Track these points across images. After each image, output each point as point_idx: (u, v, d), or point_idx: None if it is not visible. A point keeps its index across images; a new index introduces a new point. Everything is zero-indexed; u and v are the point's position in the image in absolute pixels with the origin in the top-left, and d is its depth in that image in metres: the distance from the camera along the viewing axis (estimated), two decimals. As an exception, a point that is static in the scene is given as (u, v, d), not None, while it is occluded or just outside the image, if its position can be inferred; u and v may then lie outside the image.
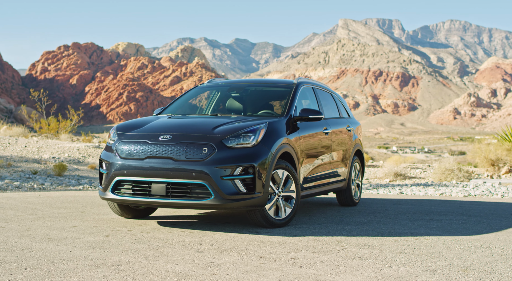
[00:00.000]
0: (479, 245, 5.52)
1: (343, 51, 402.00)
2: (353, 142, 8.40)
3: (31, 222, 6.19)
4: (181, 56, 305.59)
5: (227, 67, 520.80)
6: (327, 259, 4.75)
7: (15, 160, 13.82)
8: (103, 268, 4.19)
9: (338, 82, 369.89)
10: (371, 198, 10.28)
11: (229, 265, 4.43)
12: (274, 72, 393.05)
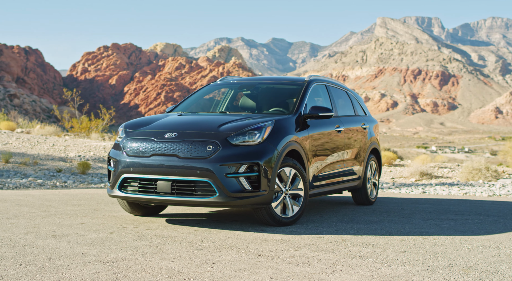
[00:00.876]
0: (488, 245, 5.39)
1: (381, 50, 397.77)
2: (369, 140, 8.29)
3: (41, 219, 6.27)
4: (218, 56, 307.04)
5: (264, 67, 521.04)
6: (326, 257, 4.69)
7: (42, 158, 14.06)
8: (98, 265, 4.21)
9: (376, 81, 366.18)
10: (391, 197, 10.14)
11: (224, 262, 4.41)
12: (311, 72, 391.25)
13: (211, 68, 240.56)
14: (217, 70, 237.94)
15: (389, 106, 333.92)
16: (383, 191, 11.77)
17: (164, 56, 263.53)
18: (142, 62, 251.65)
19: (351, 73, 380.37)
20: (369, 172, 8.35)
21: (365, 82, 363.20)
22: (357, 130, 7.92)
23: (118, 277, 3.89)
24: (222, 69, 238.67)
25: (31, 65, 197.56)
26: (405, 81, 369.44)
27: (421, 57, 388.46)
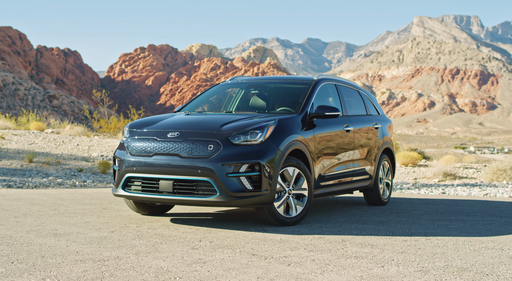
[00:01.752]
0: (492, 246, 5.29)
1: (418, 49, 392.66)
2: (381, 140, 8.20)
3: (48, 217, 6.35)
4: (253, 56, 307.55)
5: (299, 67, 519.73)
6: (320, 257, 4.66)
7: (65, 158, 14.26)
8: (88, 263, 4.25)
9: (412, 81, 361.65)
10: (407, 197, 10.01)
11: (216, 262, 4.41)
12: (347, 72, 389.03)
13: (246, 69, 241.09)
14: (252, 71, 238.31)
15: (426, 106, 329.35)
16: (402, 191, 11.62)
17: (200, 57, 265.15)
18: (178, 63, 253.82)
19: (387, 73, 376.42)
20: (381, 172, 8.26)
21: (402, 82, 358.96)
22: (368, 130, 7.85)
23: (105, 276, 3.92)
24: (257, 69, 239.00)
25: (70, 67, 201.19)
26: (443, 80, 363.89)
27: (459, 56, 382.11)
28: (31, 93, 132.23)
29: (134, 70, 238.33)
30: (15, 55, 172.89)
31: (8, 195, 8.40)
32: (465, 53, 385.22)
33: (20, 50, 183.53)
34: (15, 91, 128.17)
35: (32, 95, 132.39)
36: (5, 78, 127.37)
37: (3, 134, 16.80)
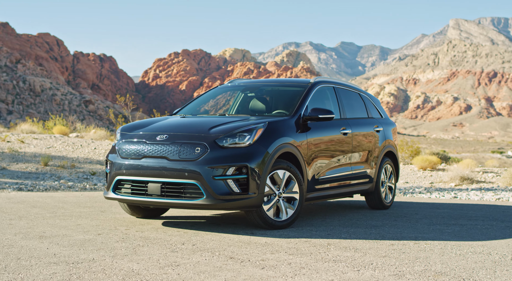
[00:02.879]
0: (480, 250, 5.18)
1: (454, 52, 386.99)
2: (383, 143, 8.09)
3: (43, 220, 6.40)
4: (286, 60, 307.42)
5: (332, 71, 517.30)
6: (298, 261, 4.61)
7: (80, 161, 14.43)
8: (61, 266, 4.25)
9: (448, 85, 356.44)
10: (414, 201, 9.87)
11: (189, 265, 4.40)
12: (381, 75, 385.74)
13: (279, 73, 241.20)
14: (285, 75, 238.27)
15: (462, 110, 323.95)
16: (413, 195, 11.45)
17: (233, 62, 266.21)
18: (211, 67, 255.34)
19: (422, 77, 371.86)
20: (383, 175, 8.15)
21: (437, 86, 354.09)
22: (367, 133, 7.75)
23: (72, 278, 3.92)
24: (290, 73, 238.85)
25: (106, 72, 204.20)
26: (479, 84, 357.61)
27: (496, 59, 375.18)
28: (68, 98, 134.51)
29: (168, 75, 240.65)
30: (52, 61, 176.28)
31: (14, 197, 8.52)
32: (502, 56, 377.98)
33: (57, 56, 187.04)
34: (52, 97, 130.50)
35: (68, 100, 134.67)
36: (42, 83, 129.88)
37: (24, 138, 17.11)
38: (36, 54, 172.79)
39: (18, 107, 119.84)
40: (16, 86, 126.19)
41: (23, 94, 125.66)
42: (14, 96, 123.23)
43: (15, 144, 16.07)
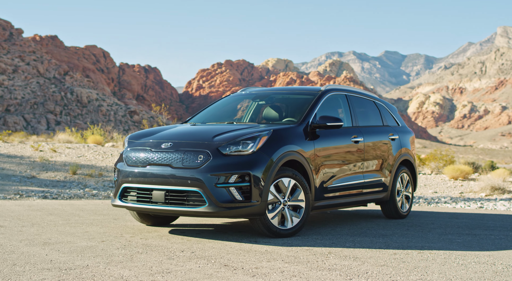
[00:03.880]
0: (484, 261, 5.06)
1: (502, 61, 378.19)
2: (399, 152, 7.95)
3: (53, 227, 6.48)
4: (329, 70, 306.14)
5: (376, 80, 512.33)
6: (292, 269, 4.57)
7: (108, 170, 14.61)
8: (53, 272, 4.30)
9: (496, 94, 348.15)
10: (435, 211, 9.70)
11: (180, 272, 4.39)
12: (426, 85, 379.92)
13: (321, 83, 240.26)
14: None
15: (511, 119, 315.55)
16: (437, 205, 11.22)
17: (276, 72, 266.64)
18: (254, 78, 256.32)
19: (468, 85, 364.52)
20: (399, 184, 8.01)
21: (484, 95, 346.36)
22: (381, 141, 7.64)
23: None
24: (333, 83, 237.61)
25: (150, 83, 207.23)
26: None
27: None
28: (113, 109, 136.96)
29: (212, 85, 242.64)
30: (99, 73, 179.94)
31: (35, 205, 8.69)
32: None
33: (103, 67, 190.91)
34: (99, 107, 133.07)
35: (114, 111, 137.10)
36: (89, 95, 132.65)
37: (57, 147, 17.47)
38: (83, 66, 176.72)
39: (65, 118, 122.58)
40: (64, 97, 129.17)
41: (71, 105, 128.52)
42: (62, 107, 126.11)
43: (47, 153, 16.42)
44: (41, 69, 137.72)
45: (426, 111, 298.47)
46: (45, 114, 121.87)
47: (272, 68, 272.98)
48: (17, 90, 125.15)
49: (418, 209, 10.14)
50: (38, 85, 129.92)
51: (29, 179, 12.18)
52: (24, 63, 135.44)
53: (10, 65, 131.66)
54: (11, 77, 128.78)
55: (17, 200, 9.51)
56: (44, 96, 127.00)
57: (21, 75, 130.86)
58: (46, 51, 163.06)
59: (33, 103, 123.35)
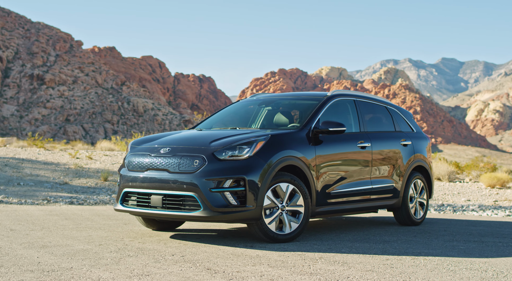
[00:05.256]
0: (476, 267, 4.97)
1: None
2: (411, 157, 7.80)
3: (60, 231, 6.60)
4: (384, 78, 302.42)
5: (433, 87, 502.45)
6: (273, 273, 4.55)
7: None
8: (34, 273, 4.37)
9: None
10: (454, 219, 9.55)
11: (159, 275, 4.43)
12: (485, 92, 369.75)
13: (376, 91, 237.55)
14: (382, 93, 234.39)
15: None
16: (463, 213, 10.92)
17: (329, 80, 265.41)
18: (307, 86, 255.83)
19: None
20: (412, 190, 7.86)
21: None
22: (392, 147, 7.52)
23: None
24: (387, 91, 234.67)
25: (204, 92, 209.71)
26: None
27: None
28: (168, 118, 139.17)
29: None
30: (154, 83, 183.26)
31: (56, 210, 8.91)
32: None
33: (159, 77, 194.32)
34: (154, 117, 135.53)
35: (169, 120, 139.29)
36: (145, 104, 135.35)
37: (93, 155, 17.91)
38: (140, 76, 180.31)
39: (122, 127, 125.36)
40: (121, 107, 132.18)
41: (127, 115, 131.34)
42: (119, 116, 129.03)
43: (83, 160, 16.82)
44: (99, 79, 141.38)
45: (485, 119, 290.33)
46: (103, 123, 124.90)
47: (326, 76, 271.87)
48: (76, 100, 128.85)
49: (440, 216, 9.99)
50: (97, 95, 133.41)
51: (61, 185, 12.51)
52: (83, 74, 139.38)
53: (70, 76, 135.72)
54: (71, 88, 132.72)
55: (44, 205, 9.78)
56: (102, 106, 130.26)
57: (80, 86, 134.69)
58: (104, 62, 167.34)
59: (92, 113, 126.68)
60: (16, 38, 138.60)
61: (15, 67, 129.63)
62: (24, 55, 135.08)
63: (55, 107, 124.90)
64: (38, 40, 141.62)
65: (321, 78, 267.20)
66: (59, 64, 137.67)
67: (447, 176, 16.36)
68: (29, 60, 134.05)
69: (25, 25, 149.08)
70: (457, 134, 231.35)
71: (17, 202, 9.93)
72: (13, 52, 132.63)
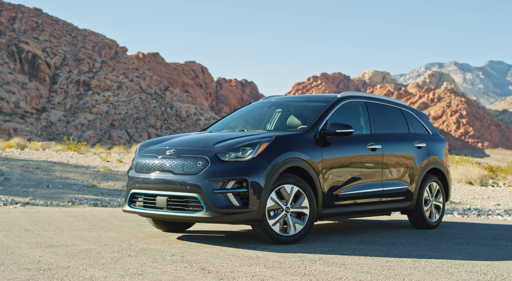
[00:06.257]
0: (477, 270, 4.92)
1: None
2: (426, 160, 7.71)
3: (73, 231, 6.71)
4: (428, 82, 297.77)
5: (479, 91, 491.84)
6: (266, 274, 4.56)
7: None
8: (30, 272, 4.45)
9: None
10: (473, 222, 9.42)
11: (151, 274, 4.47)
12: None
13: (420, 95, 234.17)
14: (427, 96, 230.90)
15: None
16: (487, 217, 10.67)
17: (372, 84, 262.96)
18: (349, 90, 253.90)
19: None
20: (427, 193, 7.74)
21: None
22: (404, 149, 7.43)
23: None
24: (432, 95, 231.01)
25: (246, 97, 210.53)
26: None
27: None
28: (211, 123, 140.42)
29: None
30: (197, 88, 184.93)
31: (77, 212, 9.06)
32: None
33: (202, 82, 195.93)
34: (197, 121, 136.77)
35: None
36: (188, 109, 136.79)
37: (123, 158, 18.18)
38: (183, 82, 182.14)
39: (165, 132, 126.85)
40: (164, 112, 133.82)
41: (170, 120, 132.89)
42: (162, 121, 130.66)
43: (113, 163, 17.09)
44: (143, 85, 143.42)
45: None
46: (147, 128, 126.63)
47: (369, 80, 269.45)
48: (121, 105, 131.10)
49: (462, 220, 9.86)
50: (140, 100, 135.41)
51: (88, 187, 12.75)
52: (127, 80, 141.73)
53: (115, 82, 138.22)
54: (115, 94, 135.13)
55: (68, 207, 9.98)
56: (145, 111, 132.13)
57: (125, 91, 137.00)
58: (148, 68, 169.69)
59: (136, 118, 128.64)
60: (64, 45, 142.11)
61: (62, 74, 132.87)
62: (71, 62, 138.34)
63: (100, 113, 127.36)
64: (84, 47, 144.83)
65: (364, 82, 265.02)
66: (105, 70, 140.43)
67: (479, 180, 16.00)
68: (75, 67, 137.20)
69: (72, 32, 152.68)
70: (505, 139, 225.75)
71: (43, 204, 10.17)
72: (60, 59, 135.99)
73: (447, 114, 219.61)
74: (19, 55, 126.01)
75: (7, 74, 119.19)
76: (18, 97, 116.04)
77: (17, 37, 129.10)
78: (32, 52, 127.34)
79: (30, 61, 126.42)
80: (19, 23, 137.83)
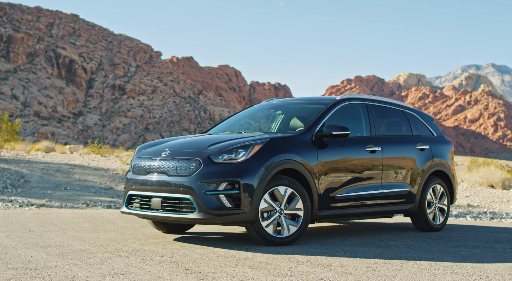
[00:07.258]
0: (463, 272, 4.88)
1: None
2: (429, 162, 7.63)
3: (74, 233, 6.81)
4: (465, 84, 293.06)
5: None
6: (248, 274, 4.59)
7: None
8: (16, 271, 4.54)
9: None
10: (481, 225, 9.27)
11: (134, 274, 4.52)
12: None
13: (456, 97, 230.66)
14: (463, 99, 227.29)
15: None
16: (500, 220, 10.47)
17: (407, 87, 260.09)
18: (384, 93, 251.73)
19: None
20: (431, 196, 7.67)
21: None
22: (406, 151, 7.36)
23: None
24: (469, 97, 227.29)
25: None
26: None
27: None
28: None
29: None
30: (230, 91, 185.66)
31: (86, 214, 9.18)
32: None
33: (235, 86, 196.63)
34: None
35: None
36: (221, 113, 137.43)
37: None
38: (216, 85, 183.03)
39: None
40: (198, 115, 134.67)
41: (204, 123, 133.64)
42: (196, 125, 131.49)
43: (133, 166, 17.25)
44: (177, 89, 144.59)
45: None
46: (181, 132, 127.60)
47: (404, 83, 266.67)
48: (155, 109, 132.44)
49: (472, 223, 9.74)
50: (174, 104, 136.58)
51: (105, 190, 12.92)
52: (162, 84, 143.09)
53: (150, 86, 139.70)
54: (150, 97, 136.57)
55: (82, 209, 10.14)
56: (179, 115, 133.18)
57: (159, 95, 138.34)
58: (182, 72, 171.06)
59: (170, 122, 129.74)
60: (100, 50, 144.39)
61: (98, 78, 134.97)
62: (106, 66, 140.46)
63: (135, 117, 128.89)
64: (119, 52, 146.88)
65: (398, 85, 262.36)
66: (139, 75, 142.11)
67: (501, 183, 15.69)
68: (111, 71, 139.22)
69: (108, 38, 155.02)
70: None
71: (58, 206, 10.35)
72: (96, 64, 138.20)
73: (484, 117, 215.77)
74: (56, 61, 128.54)
75: (45, 79, 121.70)
76: (56, 101, 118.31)
77: (55, 43, 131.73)
78: (69, 57, 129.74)
79: (67, 66, 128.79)
80: (56, 29, 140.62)
